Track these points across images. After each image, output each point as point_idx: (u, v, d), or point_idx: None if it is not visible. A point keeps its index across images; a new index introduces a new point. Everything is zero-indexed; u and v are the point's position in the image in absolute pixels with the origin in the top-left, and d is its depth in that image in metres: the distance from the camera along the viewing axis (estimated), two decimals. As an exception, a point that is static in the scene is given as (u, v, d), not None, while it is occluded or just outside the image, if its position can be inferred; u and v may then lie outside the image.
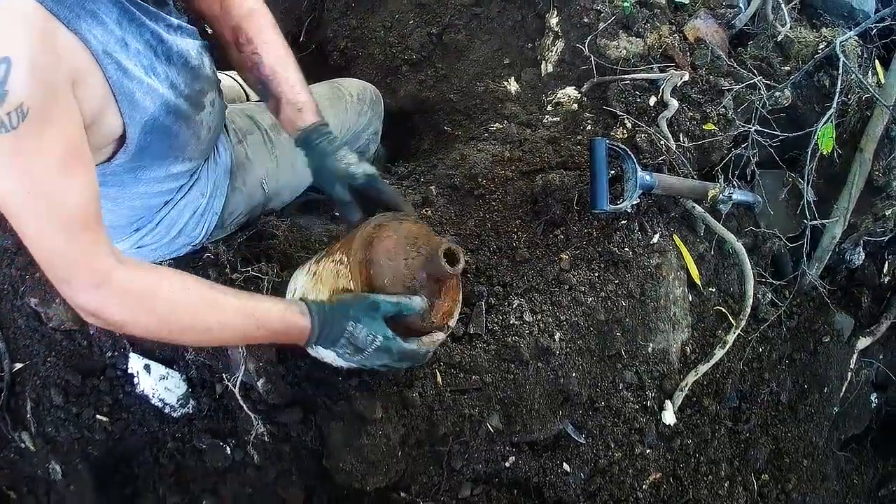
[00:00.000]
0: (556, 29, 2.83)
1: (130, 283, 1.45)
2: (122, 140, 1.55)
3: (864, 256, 2.46)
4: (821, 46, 2.55)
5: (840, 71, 2.35)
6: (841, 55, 2.28)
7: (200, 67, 1.75)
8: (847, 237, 2.45)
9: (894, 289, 2.50)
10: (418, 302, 1.66)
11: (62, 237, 1.36)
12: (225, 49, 1.95)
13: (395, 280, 1.66)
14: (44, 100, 1.25)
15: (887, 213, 2.40)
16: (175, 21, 1.67)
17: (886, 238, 2.42)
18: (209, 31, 2.00)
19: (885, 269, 2.50)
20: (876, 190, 2.46)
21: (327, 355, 1.69)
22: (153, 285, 1.48)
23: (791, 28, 2.69)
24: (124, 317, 1.46)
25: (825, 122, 2.26)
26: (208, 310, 1.54)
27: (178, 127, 1.69)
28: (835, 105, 2.27)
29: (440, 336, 1.73)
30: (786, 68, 2.55)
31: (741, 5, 2.86)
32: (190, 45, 1.71)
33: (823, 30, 2.73)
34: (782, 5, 2.66)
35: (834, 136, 2.30)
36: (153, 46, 1.57)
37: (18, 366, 2.17)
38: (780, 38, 2.67)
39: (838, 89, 2.31)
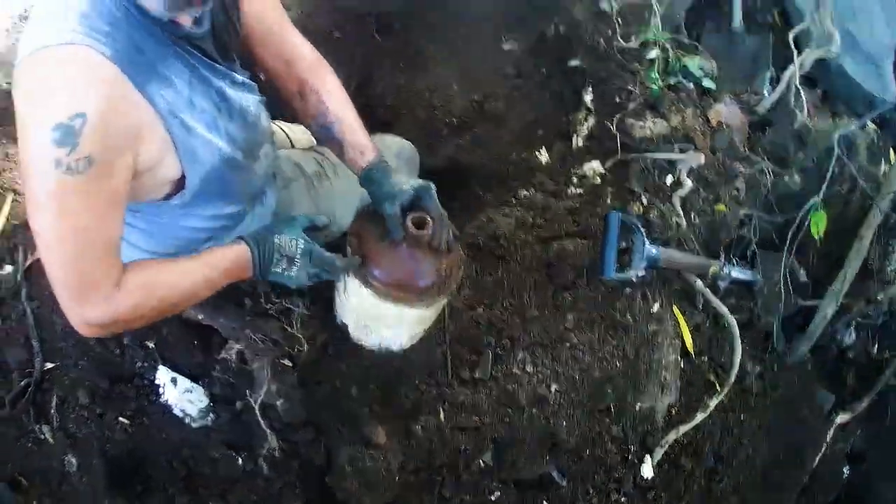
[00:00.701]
0: (589, 105, 3.07)
1: (132, 288, 1.71)
2: (180, 182, 1.82)
3: (854, 337, 2.68)
4: (834, 136, 2.69)
5: (832, 162, 2.56)
6: (836, 148, 2.54)
7: (257, 121, 2.03)
8: (840, 317, 2.66)
9: (879, 369, 2.69)
10: (322, 219, 2.04)
11: (92, 268, 1.64)
12: (288, 100, 2.23)
13: (384, 266, 2.00)
14: (106, 154, 1.51)
15: (879, 297, 2.62)
16: (239, 78, 1.95)
17: (879, 321, 2.65)
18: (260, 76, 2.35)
19: (874, 351, 2.71)
20: (870, 274, 2.69)
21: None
22: (145, 281, 1.76)
23: (809, 117, 2.87)
24: (130, 315, 1.73)
25: (814, 210, 2.53)
26: (185, 280, 1.84)
27: (233, 176, 1.97)
28: (820, 195, 2.55)
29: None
30: (800, 155, 2.74)
31: (765, 93, 3.08)
32: (250, 101, 1.99)
33: (843, 119, 2.98)
34: (803, 95, 2.85)
35: (825, 222, 2.54)
36: (217, 104, 1.84)
37: (50, 365, 2.42)
38: (796, 126, 2.84)
39: (827, 180, 2.55)
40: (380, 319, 2.15)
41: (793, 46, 3.02)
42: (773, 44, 3.39)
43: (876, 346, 2.73)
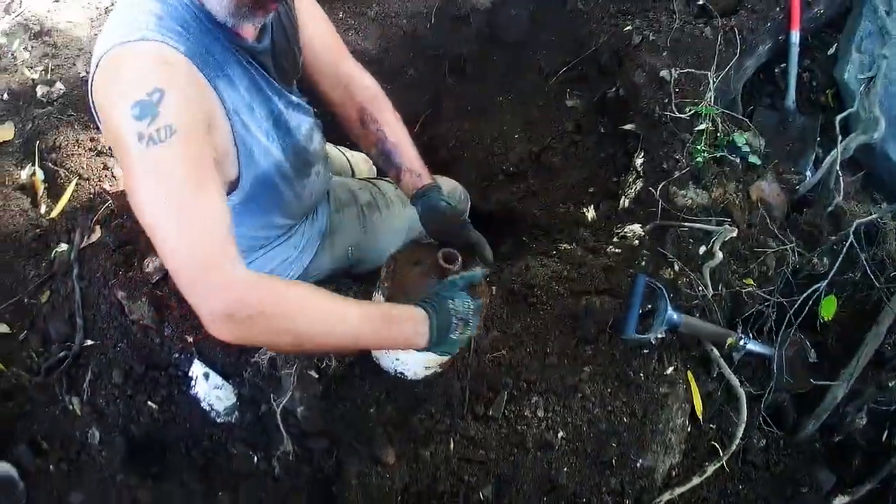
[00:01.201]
0: (639, 169, 3.23)
1: (261, 283, 1.67)
2: (235, 185, 1.99)
3: (865, 421, 2.75)
4: (853, 223, 2.77)
5: (843, 250, 2.70)
6: (851, 236, 2.65)
7: (310, 142, 2.26)
8: (850, 400, 2.74)
9: (887, 455, 2.74)
10: (479, 271, 2.15)
11: (202, 242, 1.60)
12: (349, 127, 2.44)
13: (414, 292, 2.10)
14: (188, 124, 1.62)
15: (891, 384, 2.71)
16: (295, 99, 2.18)
17: (892, 408, 2.71)
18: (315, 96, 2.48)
19: (883, 437, 2.76)
20: (884, 361, 2.77)
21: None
22: (280, 288, 1.72)
23: (846, 200, 2.99)
24: (261, 310, 1.64)
25: (823, 295, 2.67)
26: (340, 311, 1.79)
27: (284, 188, 2.18)
28: (825, 282, 2.66)
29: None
30: (832, 237, 2.83)
31: (808, 173, 3.23)
32: (304, 122, 2.22)
33: (882, 205, 3.08)
34: (842, 178, 2.96)
35: (834, 306, 2.68)
36: (274, 116, 2.05)
37: (90, 342, 2.66)
38: (832, 209, 2.96)
39: (835, 268, 2.69)
40: None
41: (838, 130, 3.10)
42: (822, 125, 3.55)
43: (886, 432, 2.79)
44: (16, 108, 3.42)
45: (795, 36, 3.54)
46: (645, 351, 2.58)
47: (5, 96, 3.44)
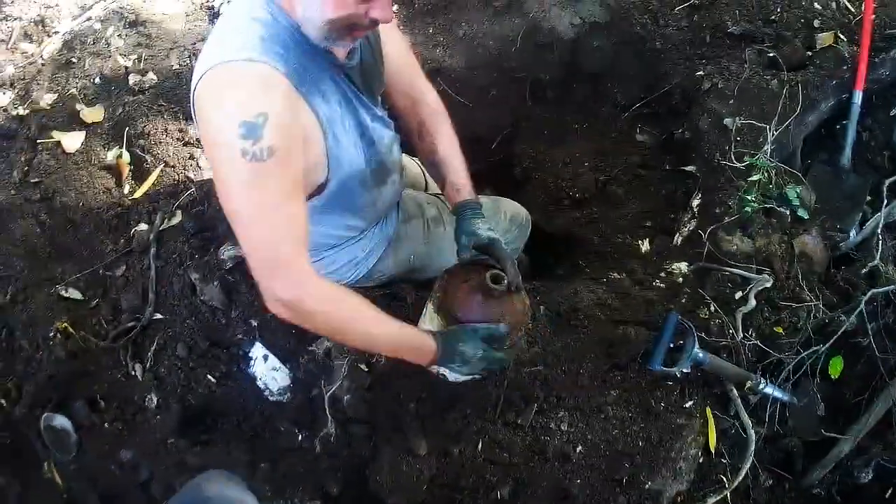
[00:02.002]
0: (695, 209, 3.51)
1: (323, 289, 2.22)
2: (322, 188, 2.41)
3: (871, 476, 2.97)
4: (864, 297, 2.97)
5: (852, 315, 2.94)
6: (862, 305, 2.89)
7: (389, 153, 2.63)
8: (859, 455, 2.95)
9: None
10: (503, 327, 2.45)
11: (281, 245, 2.11)
12: (408, 136, 2.82)
13: (459, 306, 2.53)
14: (285, 146, 2.04)
15: None
16: (379, 112, 2.56)
17: None
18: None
19: (888, 494, 2.98)
20: (893, 421, 2.97)
21: (447, 373, 2.58)
22: (340, 295, 2.27)
23: (885, 262, 3.18)
24: (315, 309, 2.20)
25: (829, 357, 2.93)
26: (374, 324, 2.34)
27: (363, 193, 2.58)
28: (826, 346, 2.88)
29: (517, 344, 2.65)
30: (862, 297, 2.99)
31: (853, 232, 3.45)
32: (385, 135, 2.60)
33: None
34: (881, 241, 3.18)
35: (841, 365, 2.94)
36: (360, 128, 2.43)
37: (159, 316, 3.09)
38: (868, 269, 3.18)
39: (837, 334, 2.89)
40: None
41: (885, 193, 3.35)
42: (874, 185, 3.67)
43: (891, 490, 3.01)
44: (107, 92, 3.86)
45: (858, 96, 3.70)
46: (669, 383, 2.90)
47: (97, 80, 3.89)
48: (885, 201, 3.36)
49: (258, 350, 3.01)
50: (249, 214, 2.11)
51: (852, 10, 4.06)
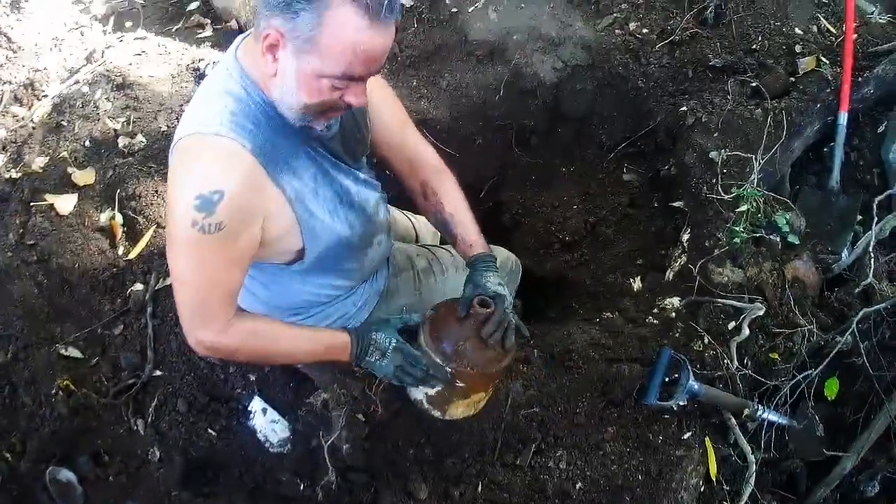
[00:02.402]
0: (684, 244, 3.62)
1: (240, 330, 2.39)
2: (301, 254, 2.50)
3: (878, 489, 3.05)
4: (856, 317, 3.09)
5: (845, 336, 3.02)
6: (854, 326, 2.98)
7: (375, 215, 2.70)
8: (864, 470, 3.04)
9: None
10: (415, 317, 2.65)
11: (211, 303, 2.31)
12: (412, 197, 2.90)
13: (445, 329, 2.61)
14: (236, 225, 2.16)
15: None
16: (362, 176, 2.62)
17: None
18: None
19: None
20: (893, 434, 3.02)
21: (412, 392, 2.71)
22: (255, 328, 2.45)
23: (880, 279, 3.27)
24: (238, 346, 2.43)
25: (825, 378, 3.01)
26: (289, 341, 2.54)
27: (348, 256, 2.66)
28: (818, 369, 2.97)
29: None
30: (856, 317, 3.05)
31: (844, 253, 3.52)
32: (371, 196, 2.66)
33: None
34: (873, 259, 3.26)
35: (836, 386, 3.03)
36: (339, 195, 2.50)
37: (158, 373, 3.20)
38: (861, 288, 3.30)
39: (831, 356, 2.98)
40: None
41: (875, 211, 3.36)
42: (864, 204, 3.73)
43: None
44: (98, 155, 3.97)
45: (844, 117, 3.83)
46: (666, 416, 2.99)
47: (87, 143, 3.99)
48: (876, 219, 3.39)
49: (257, 403, 3.12)
50: (184, 274, 2.29)
51: (833, 31, 4.20)
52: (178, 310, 2.37)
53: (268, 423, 3.10)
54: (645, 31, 4.32)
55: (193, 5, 5.35)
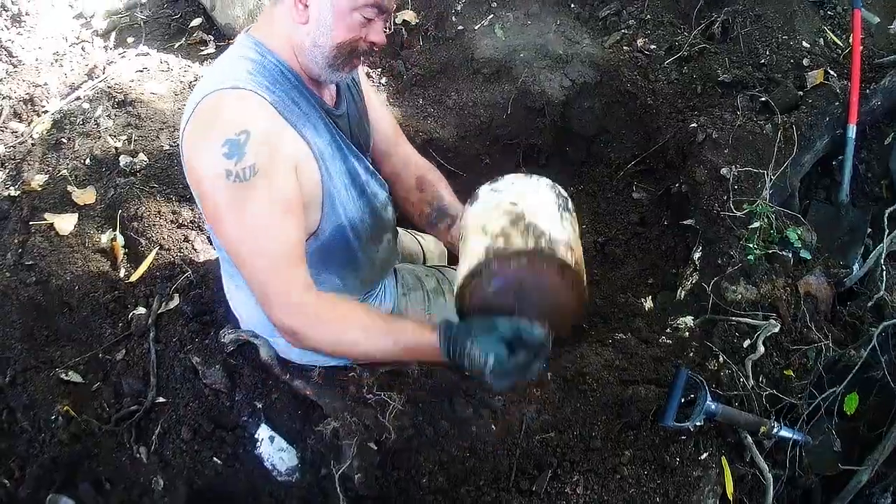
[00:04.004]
0: (696, 262, 3.56)
1: (317, 312, 2.25)
2: (314, 232, 2.44)
3: (890, 500, 2.98)
4: (876, 329, 2.99)
5: (865, 351, 2.96)
6: (875, 340, 2.92)
7: (384, 211, 2.67)
8: (875, 483, 2.97)
9: None
10: (539, 330, 2.19)
11: (279, 267, 2.19)
12: (405, 196, 2.91)
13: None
14: (269, 163, 2.10)
15: None
16: (372, 168, 2.60)
17: None
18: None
19: None
20: None
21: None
22: (331, 314, 2.28)
23: (891, 292, 3.20)
24: (307, 333, 2.25)
25: (847, 392, 2.93)
26: (363, 334, 2.31)
27: (358, 247, 2.60)
28: (842, 386, 2.91)
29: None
30: (872, 329, 3.01)
31: (855, 266, 3.47)
32: (379, 192, 2.65)
33: None
34: (884, 269, 3.20)
35: (856, 401, 2.95)
36: (351, 175, 2.47)
37: (161, 400, 3.08)
38: (873, 302, 3.20)
39: (853, 372, 2.91)
40: None
41: (886, 223, 3.32)
42: (874, 216, 3.72)
43: None
44: (98, 173, 3.90)
45: (852, 130, 3.80)
46: (683, 437, 2.91)
47: (88, 161, 3.92)
48: (887, 231, 3.33)
49: (264, 431, 3.01)
50: (239, 237, 2.19)
51: (840, 43, 4.17)
52: (257, 298, 2.29)
53: (275, 452, 3.00)
54: (653, 47, 4.29)
55: (196, 22, 5.30)
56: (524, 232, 2.17)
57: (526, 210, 2.24)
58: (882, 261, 3.29)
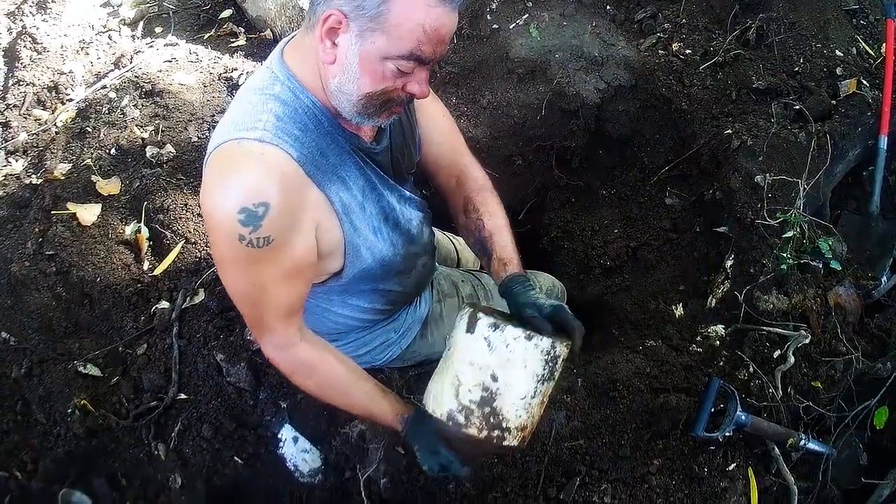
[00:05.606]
0: (728, 270, 3.50)
1: (303, 355, 2.29)
2: (339, 275, 2.39)
3: None
4: None
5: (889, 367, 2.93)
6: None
7: (420, 236, 2.59)
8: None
9: None
10: (465, 471, 2.38)
11: (268, 318, 2.18)
12: (455, 214, 2.75)
13: None
14: (285, 235, 2.02)
15: None
16: (408, 194, 2.51)
17: None
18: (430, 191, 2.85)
19: None
20: None
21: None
22: (317, 361, 2.33)
23: None
24: (291, 372, 2.33)
25: (878, 406, 2.90)
26: (346, 389, 2.39)
27: (388, 279, 2.55)
28: (875, 400, 2.90)
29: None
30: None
31: (883, 279, 3.42)
32: (414, 216, 2.55)
33: None
34: None
35: (886, 415, 2.91)
36: (385, 212, 2.38)
37: (183, 396, 3.05)
38: None
39: (885, 387, 2.89)
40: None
41: None
42: None
43: None
44: (124, 164, 3.85)
45: (884, 141, 3.76)
46: (712, 447, 2.88)
47: (113, 151, 3.88)
48: None
49: (288, 432, 2.98)
50: (237, 290, 2.17)
51: (872, 53, 4.12)
52: (249, 327, 2.35)
53: (299, 452, 2.96)
54: (688, 51, 4.23)
55: (226, 13, 5.21)
56: (484, 419, 2.22)
57: (500, 390, 2.21)
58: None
